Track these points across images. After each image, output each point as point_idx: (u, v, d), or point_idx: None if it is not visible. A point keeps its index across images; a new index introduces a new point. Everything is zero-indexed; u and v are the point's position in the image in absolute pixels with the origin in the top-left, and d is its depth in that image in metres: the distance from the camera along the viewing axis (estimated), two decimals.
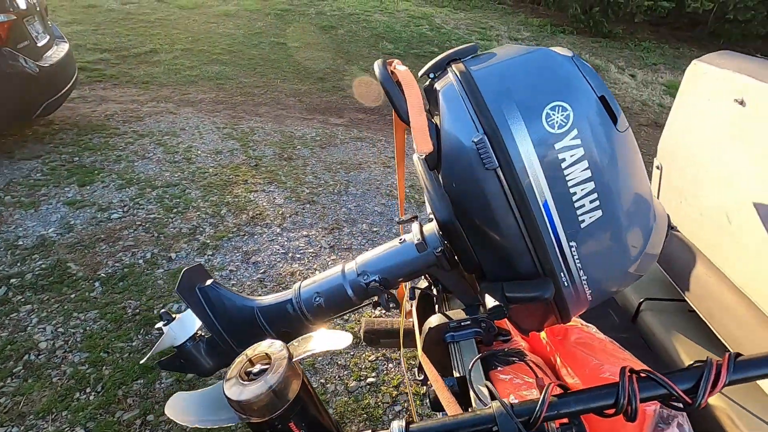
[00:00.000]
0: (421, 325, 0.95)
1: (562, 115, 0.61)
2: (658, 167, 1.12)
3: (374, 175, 3.68)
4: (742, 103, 0.75)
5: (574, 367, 0.87)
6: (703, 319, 0.99)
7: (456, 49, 0.71)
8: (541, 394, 0.53)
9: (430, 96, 0.71)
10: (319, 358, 2.02)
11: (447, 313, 0.92)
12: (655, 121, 5.64)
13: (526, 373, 0.83)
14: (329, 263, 2.62)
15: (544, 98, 0.61)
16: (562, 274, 0.69)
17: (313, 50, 6.58)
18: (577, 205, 0.64)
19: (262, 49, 6.38)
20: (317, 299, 0.86)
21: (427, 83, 0.73)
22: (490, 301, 0.71)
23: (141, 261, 2.50)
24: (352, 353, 2.08)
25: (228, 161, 3.62)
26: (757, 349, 0.92)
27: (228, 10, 7.63)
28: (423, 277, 0.95)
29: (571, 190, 0.63)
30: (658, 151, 1.13)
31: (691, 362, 0.56)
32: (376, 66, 0.75)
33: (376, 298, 0.88)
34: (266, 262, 2.57)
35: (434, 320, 0.90)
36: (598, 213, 0.65)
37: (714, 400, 0.88)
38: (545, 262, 0.68)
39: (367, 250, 0.92)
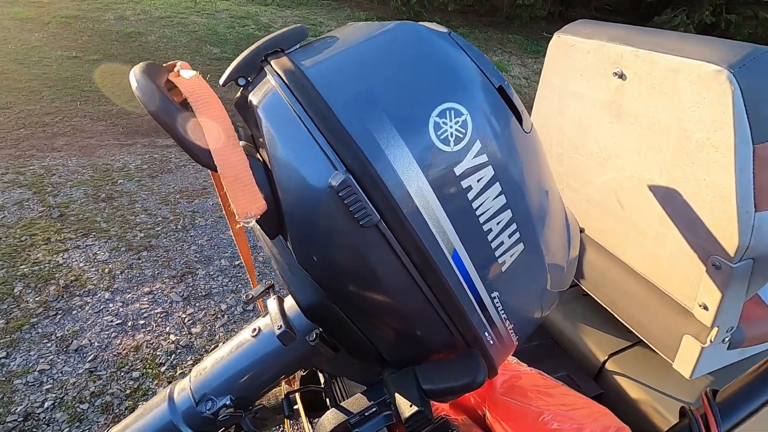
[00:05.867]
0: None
1: (455, 122, 0.39)
2: None
3: None
4: (621, 75, 0.65)
5: (509, 420, 0.69)
6: (606, 307, 0.93)
7: (273, 35, 0.44)
8: None
9: (246, 116, 0.43)
10: None
11: (342, 405, 0.66)
12: None
13: None
14: (186, 321, 2.12)
15: (427, 100, 0.38)
16: (486, 333, 0.50)
17: (121, 62, 5.54)
18: (494, 245, 0.44)
19: (46, 66, 5.11)
20: None
21: (238, 95, 0.45)
22: (404, 405, 0.48)
23: None
24: None
25: (16, 218, 2.73)
26: (664, 332, 0.89)
27: None
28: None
29: (485, 228, 0.43)
30: None
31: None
32: (135, 78, 0.43)
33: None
34: (95, 344, 1.95)
35: (328, 421, 0.63)
36: (520, 247, 0.46)
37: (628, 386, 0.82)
38: (465, 330, 0.47)
39: (208, 359, 0.59)
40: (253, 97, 0.41)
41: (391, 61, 0.39)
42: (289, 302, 0.58)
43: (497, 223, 0.43)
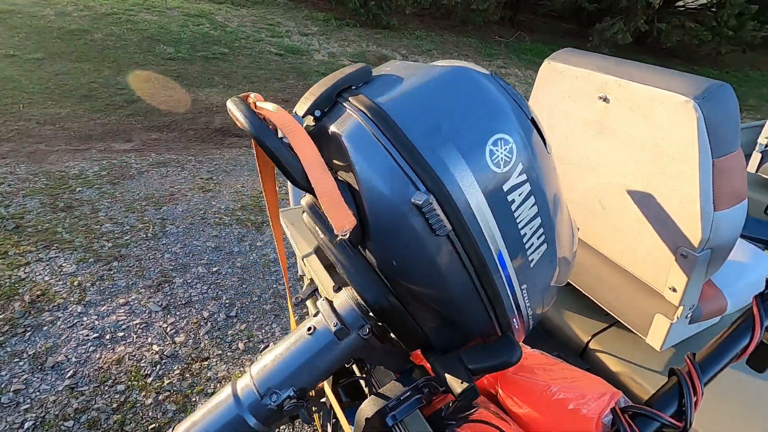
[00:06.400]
0: (349, 418, 0.75)
1: (505, 149, 0.48)
2: None
3: (194, 205, 3.13)
4: (605, 99, 0.77)
5: (520, 395, 0.81)
6: (586, 294, 1.07)
7: (345, 73, 0.51)
8: None
9: (322, 143, 0.50)
10: None
11: (379, 392, 0.74)
12: None
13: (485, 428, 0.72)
14: (168, 331, 2.09)
15: (484, 132, 0.48)
16: (514, 320, 0.60)
17: (65, 61, 5.22)
18: (527, 246, 0.54)
19: None
20: None
21: (311, 124, 0.52)
22: (455, 383, 0.57)
23: None
24: None
25: None
26: (638, 313, 1.04)
27: None
28: None
29: (522, 232, 0.53)
30: None
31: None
32: (235, 107, 0.49)
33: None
34: (73, 360, 1.89)
35: (369, 408, 0.71)
36: (544, 247, 0.57)
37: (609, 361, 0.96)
38: (502, 317, 0.57)
39: (261, 354, 0.65)
40: (335, 128, 0.48)
41: (452, 99, 0.48)
42: (339, 302, 0.65)
43: (530, 228, 0.53)
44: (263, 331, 2.17)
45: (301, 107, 0.51)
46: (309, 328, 0.63)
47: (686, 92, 0.65)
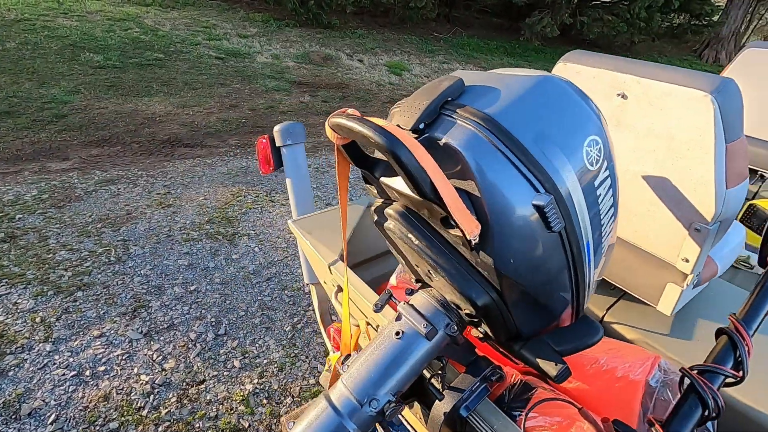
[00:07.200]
0: (425, 415, 0.77)
1: (596, 149, 0.54)
2: None
3: (156, 222, 2.95)
4: (623, 96, 0.86)
5: (574, 369, 0.87)
6: None
7: (444, 86, 0.53)
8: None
9: (432, 154, 0.51)
10: None
11: (451, 386, 0.77)
12: (392, 97, 6.52)
13: (554, 409, 0.78)
14: (155, 359, 1.97)
15: (581, 135, 0.52)
16: (585, 303, 0.66)
17: None
18: (603, 234, 0.60)
19: None
20: None
21: (417, 136, 0.53)
22: (548, 365, 0.61)
23: None
24: None
25: None
26: (648, 284, 1.15)
27: None
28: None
29: (602, 221, 0.59)
30: None
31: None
32: (358, 124, 0.50)
33: None
34: (52, 403, 1.73)
35: (446, 403, 0.74)
36: (613, 235, 0.63)
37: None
38: (581, 301, 0.63)
39: (356, 365, 0.66)
40: (450, 139, 0.50)
41: (550, 106, 0.52)
42: (421, 303, 0.67)
43: (607, 218, 0.59)
44: (257, 345, 2.11)
45: (404, 120, 0.53)
46: (397, 333, 0.65)
47: (703, 87, 0.74)
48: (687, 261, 0.92)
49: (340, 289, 1.15)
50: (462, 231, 0.47)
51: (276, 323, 2.26)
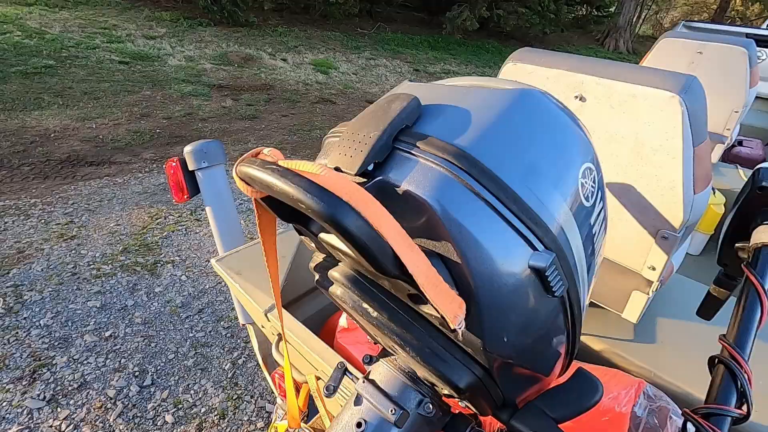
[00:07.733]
0: None
1: (590, 179, 0.42)
2: None
3: (57, 259, 2.53)
4: (581, 98, 0.77)
5: None
6: None
7: (397, 110, 0.38)
8: None
9: (391, 205, 0.37)
10: None
11: None
12: (321, 97, 6.28)
13: None
14: (64, 429, 1.64)
15: (574, 164, 0.40)
16: (577, 347, 0.56)
17: None
18: (590, 273, 0.50)
19: None
20: None
21: (364, 182, 0.38)
22: None
23: None
24: None
25: None
26: (613, 293, 1.10)
27: None
28: None
29: (596, 262, 0.48)
30: None
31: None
32: (276, 177, 0.33)
33: None
34: None
35: None
36: (598, 271, 0.53)
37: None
38: (574, 348, 0.52)
39: None
40: (411, 186, 0.35)
41: (534, 130, 0.39)
42: (382, 378, 0.53)
43: (597, 252, 0.49)
44: (192, 392, 1.85)
45: (345, 160, 0.37)
46: (359, 424, 0.50)
47: (670, 88, 0.67)
48: (654, 269, 0.86)
49: (281, 338, 0.98)
50: (442, 316, 0.33)
51: (213, 362, 2.01)
